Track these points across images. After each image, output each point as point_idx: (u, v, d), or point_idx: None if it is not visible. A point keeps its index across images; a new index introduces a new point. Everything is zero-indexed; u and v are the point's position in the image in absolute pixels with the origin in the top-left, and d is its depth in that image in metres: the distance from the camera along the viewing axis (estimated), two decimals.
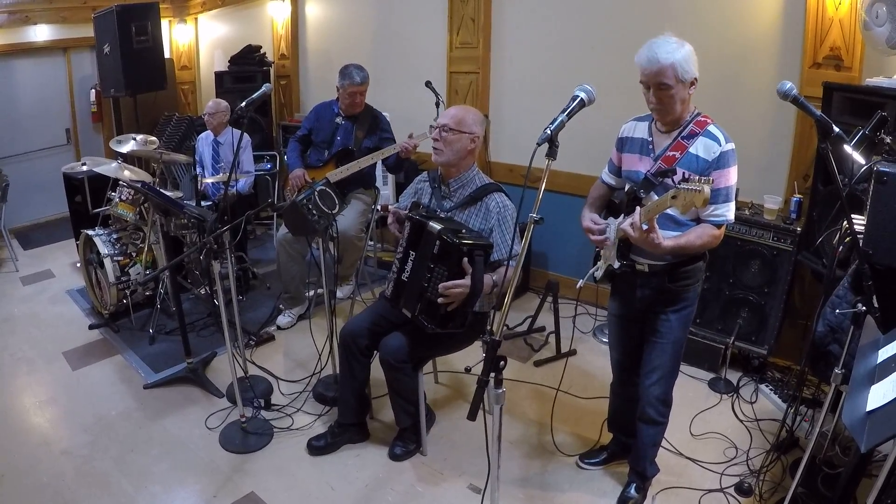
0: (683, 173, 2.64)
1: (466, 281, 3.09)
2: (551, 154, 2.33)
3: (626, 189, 3.02)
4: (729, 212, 2.76)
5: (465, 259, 3.09)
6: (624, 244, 2.92)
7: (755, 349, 4.36)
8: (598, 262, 3.13)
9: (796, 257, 4.11)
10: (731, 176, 2.74)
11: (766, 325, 4.31)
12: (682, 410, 3.96)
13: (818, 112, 2.43)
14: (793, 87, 2.43)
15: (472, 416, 2.22)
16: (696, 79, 2.67)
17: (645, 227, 2.54)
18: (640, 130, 2.98)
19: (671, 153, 2.79)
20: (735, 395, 4.25)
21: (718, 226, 2.76)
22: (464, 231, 3.25)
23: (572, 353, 4.77)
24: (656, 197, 2.73)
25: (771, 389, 4.25)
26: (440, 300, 3.11)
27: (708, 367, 4.49)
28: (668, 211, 2.60)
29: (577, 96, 2.47)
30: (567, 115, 2.43)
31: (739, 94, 4.42)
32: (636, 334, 3.20)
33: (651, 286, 2.97)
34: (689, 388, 4.32)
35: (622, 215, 2.91)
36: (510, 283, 2.38)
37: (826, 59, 4.07)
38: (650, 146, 2.90)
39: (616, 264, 2.94)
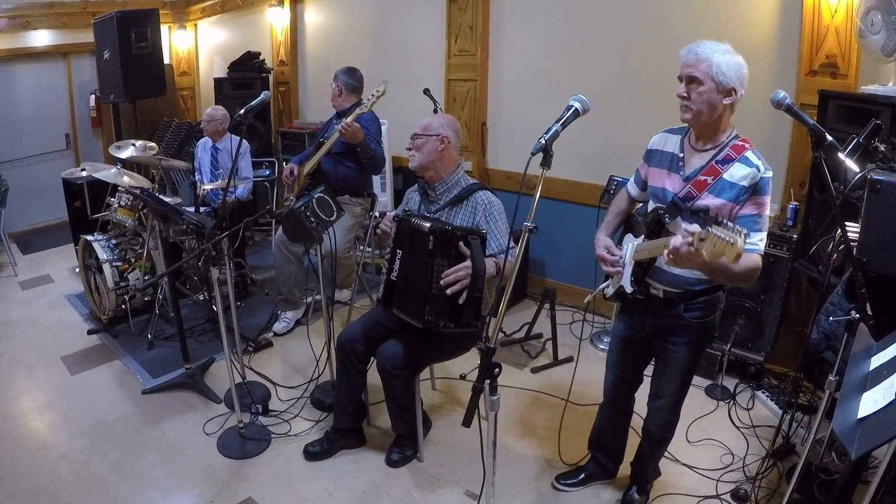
0: (717, 215, 2.40)
1: (467, 262, 3.09)
2: (546, 163, 2.35)
3: (649, 209, 2.85)
4: (762, 242, 2.54)
5: (461, 243, 3.11)
6: (640, 268, 2.78)
7: (752, 356, 4.38)
8: (610, 280, 2.99)
9: (793, 264, 4.12)
10: (767, 205, 2.55)
11: (762, 332, 4.32)
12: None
13: (811, 121, 2.43)
14: (786, 96, 2.42)
15: (466, 422, 2.23)
16: (734, 91, 2.49)
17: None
18: (671, 144, 2.79)
19: (703, 177, 2.58)
20: (732, 402, 4.26)
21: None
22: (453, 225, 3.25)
23: (569, 359, 4.78)
24: (682, 223, 2.55)
25: (767, 396, 4.26)
26: (448, 291, 3.09)
27: (705, 373, 4.48)
28: None
29: (572, 106, 2.46)
30: (561, 124, 2.42)
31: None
32: (639, 359, 3.15)
33: (665, 314, 2.83)
34: (686, 395, 4.32)
35: (642, 237, 2.79)
36: (507, 282, 2.39)
37: (822, 67, 4.09)
38: (680, 162, 2.72)
39: (629, 289, 2.80)
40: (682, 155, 2.72)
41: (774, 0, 4.32)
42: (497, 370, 2.28)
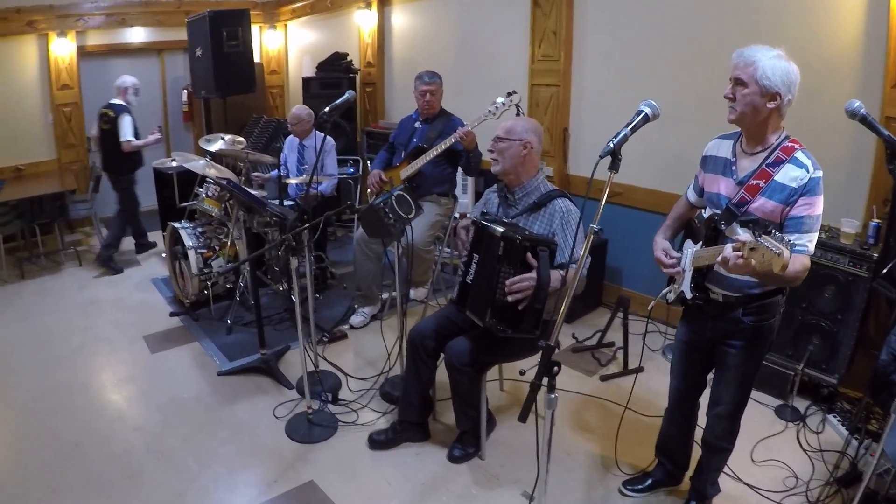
0: (768, 223, 2.39)
1: (533, 274, 3.10)
2: (614, 167, 2.39)
3: (706, 215, 2.88)
4: (811, 242, 2.54)
5: (529, 254, 3.12)
6: (698, 273, 2.81)
7: (825, 377, 4.25)
8: (672, 285, 3.03)
9: (872, 284, 3.99)
10: (818, 205, 2.53)
11: (837, 354, 4.19)
12: (744, 435, 3.83)
13: (886, 132, 2.39)
14: (861, 105, 2.39)
15: (522, 417, 2.27)
16: (779, 95, 2.49)
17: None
18: (724, 149, 2.84)
19: (755, 181, 2.61)
20: (801, 424, 4.14)
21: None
22: (526, 232, 3.27)
23: (640, 369, 4.75)
24: (738, 228, 2.61)
25: (839, 420, 4.13)
26: (509, 298, 3.12)
27: (776, 393, 4.37)
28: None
29: (642, 111, 2.51)
30: (631, 129, 2.46)
31: (820, 111, 4.22)
32: (701, 363, 3.14)
33: (724, 318, 2.85)
34: (755, 414, 4.20)
35: (700, 244, 2.82)
36: (569, 287, 2.42)
37: None
38: (733, 167, 2.75)
39: (689, 294, 2.84)
40: (734, 159, 2.76)
41: (860, 10, 4.18)
42: (556, 369, 2.30)
